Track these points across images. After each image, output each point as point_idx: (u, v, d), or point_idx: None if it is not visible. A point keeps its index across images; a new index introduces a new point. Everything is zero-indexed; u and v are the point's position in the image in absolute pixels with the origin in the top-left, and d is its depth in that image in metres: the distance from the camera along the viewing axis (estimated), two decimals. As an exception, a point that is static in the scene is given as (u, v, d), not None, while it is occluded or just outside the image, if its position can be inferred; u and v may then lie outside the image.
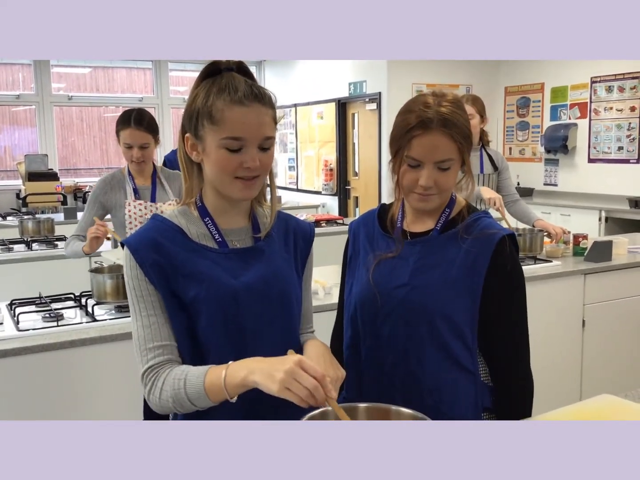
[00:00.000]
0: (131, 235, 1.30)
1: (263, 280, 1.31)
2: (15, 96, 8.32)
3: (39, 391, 2.19)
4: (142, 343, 1.25)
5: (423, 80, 7.22)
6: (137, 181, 2.85)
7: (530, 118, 7.49)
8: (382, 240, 1.54)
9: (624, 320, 3.43)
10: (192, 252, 1.28)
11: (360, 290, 1.52)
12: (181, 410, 1.21)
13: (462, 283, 1.43)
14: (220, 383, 1.15)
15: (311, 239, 1.45)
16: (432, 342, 1.45)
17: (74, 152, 8.98)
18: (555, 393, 3.12)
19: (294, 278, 1.39)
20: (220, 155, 1.23)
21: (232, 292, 1.27)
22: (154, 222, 1.31)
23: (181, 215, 1.33)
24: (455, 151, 1.41)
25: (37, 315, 2.41)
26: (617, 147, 6.56)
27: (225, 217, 1.34)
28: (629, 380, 3.32)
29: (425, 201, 1.46)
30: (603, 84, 6.64)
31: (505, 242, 1.44)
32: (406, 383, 1.47)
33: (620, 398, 1.53)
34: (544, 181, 7.36)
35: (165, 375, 1.22)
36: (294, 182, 9.27)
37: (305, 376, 1.08)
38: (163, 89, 9.09)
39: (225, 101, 1.22)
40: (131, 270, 1.25)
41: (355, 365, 1.54)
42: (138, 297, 1.25)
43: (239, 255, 1.32)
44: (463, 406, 1.47)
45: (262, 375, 1.11)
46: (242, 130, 1.22)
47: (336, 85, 8.05)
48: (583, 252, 3.48)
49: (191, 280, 1.25)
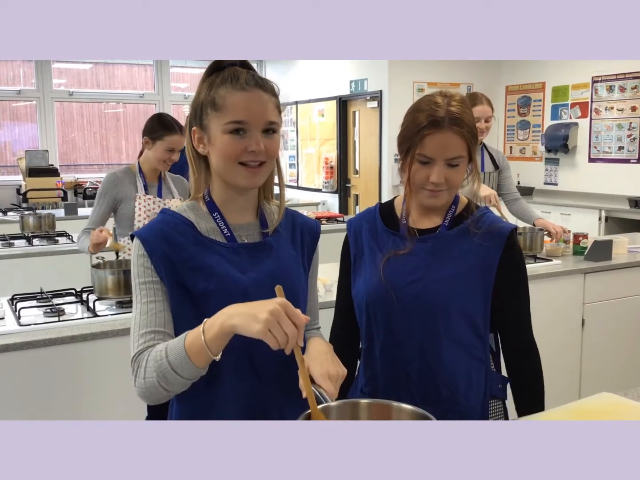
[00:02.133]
0: (141, 228, 1.31)
1: (272, 276, 1.31)
2: (16, 91, 8.32)
3: (40, 386, 2.19)
4: (136, 330, 1.23)
5: (424, 79, 7.21)
6: (148, 179, 2.99)
7: (531, 117, 7.49)
8: (388, 238, 1.56)
9: (624, 320, 3.44)
10: (201, 246, 1.28)
11: (371, 288, 1.53)
12: (166, 386, 1.16)
13: (475, 275, 1.49)
14: (200, 341, 1.11)
15: (317, 235, 1.46)
16: (447, 334, 1.49)
17: (75, 148, 8.98)
18: (554, 391, 3.12)
19: (301, 274, 1.40)
20: (224, 141, 1.24)
21: (241, 287, 1.27)
22: (163, 216, 1.32)
23: (190, 209, 1.33)
24: (465, 149, 1.46)
25: (39, 310, 2.42)
26: (618, 147, 6.56)
27: (234, 212, 1.34)
28: (629, 378, 3.33)
29: (435, 197, 1.49)
30: (604, 84, 6.64)
31: (514, 235, 1.53)
32: (422, 376, 1.50)
33: (619, 396, 1.54)
34: (544, 180, 7.36)
35: (148, 354, 1.19)
36: (294, 180, 9.27)
37: (287, 321, 1.06)
38: (164, 85, 9.08)
39: (227, 89, 1.24)
40: (138, 258, 1.26)
41: (371, 363, 1.57)
42: (141, 283, 1.25)
43: (248, 250, 1.32)
44: (475, 395, 1.53)
45: (242, 318, 1.07)
46: (245, 114, 1.23)
47: (337, 82, 8.04)
48: (583, 252, 3.48)
49: (200, 273, 1.25)
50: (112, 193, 2.91)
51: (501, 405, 1.59)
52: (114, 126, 9.21)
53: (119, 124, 9.27)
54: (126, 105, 9.25)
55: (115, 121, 9.23)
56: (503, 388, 1.58)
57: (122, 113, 9.29)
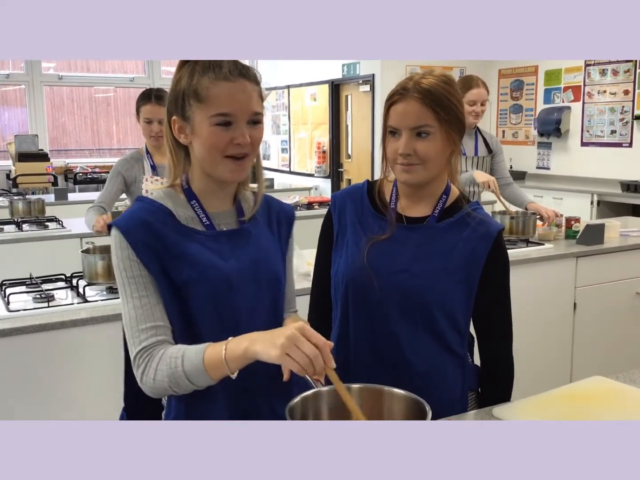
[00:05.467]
0: (120, 217, 1.28)
1: (253, 262, 1.31)
2: (5, 75, 8.23)
3: (30, 372, 2.18)
4: (134, 325, 1.22)
5: (417, 62, 7.17)
6: (155, 159, 3.00)
7: (524, 101, 7.47)
8: (374, 221, 1.53)
9: (616, 303, 3.45)
10: (181, 234, 1.27)
11: (352, 271, 1.50)
12: (177, 390, 1.19)
13: (460, 272, 1.46)
14: (220, 357, 1.13)
15: (292, 220, 1.47)
16: (426, 327, 1.47)
17: (65, 132, 8.91)
18: (546, 375, 3.14)
19: (280, 259, 1.40)
20: (210, 133, 1.23)
21: (225, 275, 1.27)
22: (142, 204, 1.29)
23: (167, 197, 1.31)
24: (432, 119, 1.41)
25: (28, 296, 2.39)
26: (610, 131, 6.56)
27: (212, 200, 1.33)
28: (620, 362, 3.35)
29: (408, 172, 1.45)
30: (597, 67, 6.62)
31: (502, 234, 1.50)
32: (397, 366, 1.48)
33: (611, 380, 1.54)
34: (537, 164, 7.35)
35: (160, 355, 1.19)
36: (286, 164, 9.23)
37: (306, 343, 1.06)
38: (154, 69, 9.00)
39: (210, 78, 1.22)
40: (122, 251, 1.23)
41: (345, 347, 1.53)
42: (129, 278, 1.23)
43: (227, 237, 1.32)
44: (451, 388, 1.51)
45: (263, 343, 1.09)
46: (231, 106, 1.22)
47: (329, 66, 7.99)
48: (575, 235, 3.48)
49: (183, 262, 1.24)
50: (124, 174, 2.99)
51: (474, 395, 1.57)
52: (104, 110, 9.14)
53: (109, 109, 9.19)
54: (117, 89, 9.17)
55: (106, 105, 9.16)
56: (479, 379, 1.56)
57: (113, 97, 9.22)
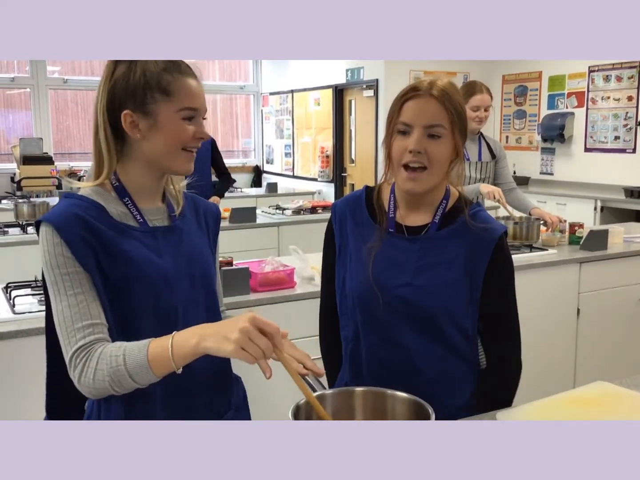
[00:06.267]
0: (49, 213, 1.22)
1: (188, 259, 1.33)
2: (10, 79, 8.26)
3: (35, 374, 2.18)
4: (69, 324, 1.17)
5: (420, 68, 7.18)
6: None
7: (528, 107, 7.48)
8: (372, 231, 1.52)
9: (619, 309, 3.45)
10: (116, 231, 1.25)
11: (359, 286, 1.50)
12: (118, 389, 1.15)
13: (463, 280, 1.45)
14: (166, 354, 1.10)
15: (219, 218, 1.49)
16: (435, 337, 1.47)
17: (69, 136, 8.93)
18: (549, 380, 3.14)
19: (211, 256, 1.42)
20: (177, 126, 1.25)
21: (162, 271, 1.27)
22: (72, 200, 1.25)
23: (96, 194, 1.28)
24: (446, 120, 1.41)
25: (33, 298, 2.40)
26: (614, 137, 6.56)
27: (143, 197, 1.32)
28: (623, 367, 3.34)
29: (414, 180, 1.43)
30: (601, 73, 6.63)
31: (504, 238, 1.49)
32: (408, 377, 1.47)
33: (614, 385, 1.54)
34: (540, 170, 7.35)
35: (98, 354, 1.15)
36: (290, 169, 9.24)
37: (260, 336, 1.05)
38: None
39: (172, 74, 1.25)
40: (54, 247, 1.18)
41: (357, 361, 1.54)
42: (63, 275, 1.18)
43: (161, 234, 1.32)
44: (462, 394, 1.51)
45: (215, 338, 1.06)
46: (196, 101, 1.27)
47: (333, 71, 8.01)
48: (579, 241, 3.48)
49: (119, 259, 1.22)
50: None
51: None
52: (108, 114, 9.14)
53: (113, 112, 9.20)
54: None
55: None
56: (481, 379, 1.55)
57: (117, 101, 9.22)
